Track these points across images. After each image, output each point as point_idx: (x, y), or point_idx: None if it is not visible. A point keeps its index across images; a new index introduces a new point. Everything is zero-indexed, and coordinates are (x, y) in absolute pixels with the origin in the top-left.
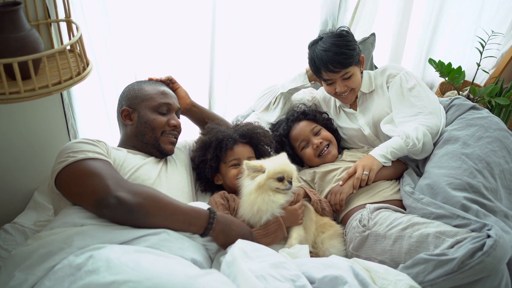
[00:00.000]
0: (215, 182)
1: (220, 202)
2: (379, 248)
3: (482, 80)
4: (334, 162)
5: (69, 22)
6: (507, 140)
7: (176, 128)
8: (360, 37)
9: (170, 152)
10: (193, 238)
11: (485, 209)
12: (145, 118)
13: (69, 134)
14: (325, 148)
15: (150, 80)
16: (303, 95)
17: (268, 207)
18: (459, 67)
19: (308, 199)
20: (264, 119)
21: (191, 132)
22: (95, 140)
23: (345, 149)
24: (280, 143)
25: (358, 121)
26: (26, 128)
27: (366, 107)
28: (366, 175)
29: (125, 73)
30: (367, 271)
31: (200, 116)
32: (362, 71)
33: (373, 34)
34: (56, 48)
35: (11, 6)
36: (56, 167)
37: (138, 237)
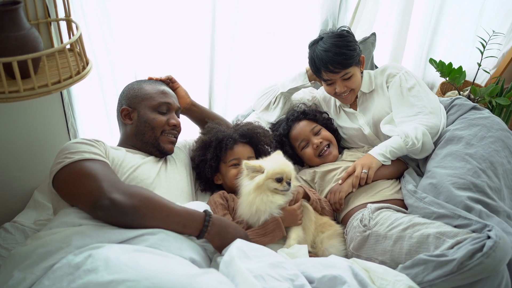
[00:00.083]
0: (215, 181)
1: (219, 202)
2: (379, 248)
3: (483, 80)
4: (334, 162)
5: (69, 21)
6: (509, 140)
7: (176, 128)
8: (361, 37)
9: (170, 152)
10: (191, 238)
11: (489, 209)
12: (145, 118)
13: (69, 133)
14: (325, 148)
15: (150, 79)
16: (303, 95)
17: (266, 207)
18: (460, 67)
19: (308, 199)
20: (264, 118)
21: (191, 132)
22: (93, 140)
23: (345, 148)
24: (280, 143)
25: (358, 120)
26: (26, 127)
27: (366, 106)
28: (365, 173)
29: (125, 73)
30: (366, 271)
31: (200, 116)
32: (362, 71)
33: (373, 34)
34: (55, 47)
35: (11, 5)
36: (53, 168)
37: (136, 237)
